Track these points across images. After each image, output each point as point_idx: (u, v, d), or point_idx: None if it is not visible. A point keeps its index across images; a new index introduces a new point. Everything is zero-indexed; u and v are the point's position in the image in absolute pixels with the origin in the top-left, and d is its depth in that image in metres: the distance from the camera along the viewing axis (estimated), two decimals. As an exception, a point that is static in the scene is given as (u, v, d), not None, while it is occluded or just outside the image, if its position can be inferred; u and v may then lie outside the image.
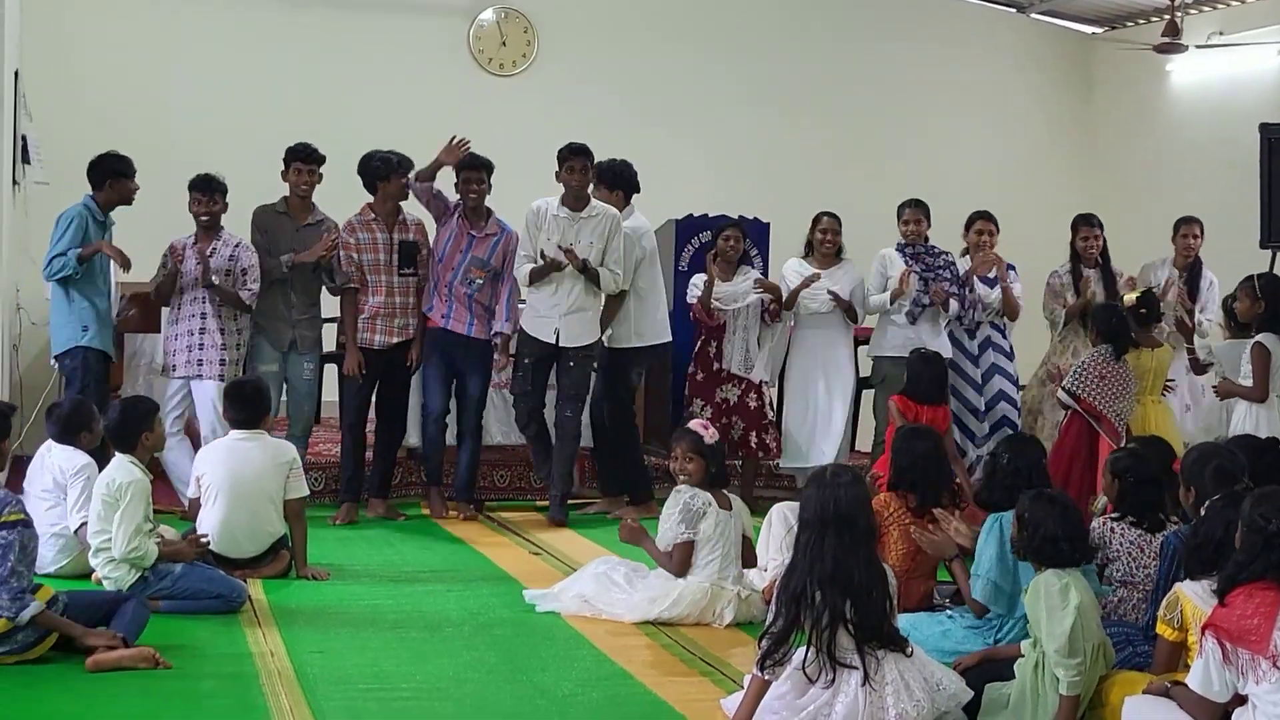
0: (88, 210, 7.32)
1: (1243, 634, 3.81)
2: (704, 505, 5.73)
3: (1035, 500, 4.54)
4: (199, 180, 7.53)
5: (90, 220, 7.31)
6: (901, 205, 8.47)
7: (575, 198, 7.69)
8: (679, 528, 5.72)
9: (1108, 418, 7.03)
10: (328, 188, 7.87)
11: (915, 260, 8.27)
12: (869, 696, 4.16)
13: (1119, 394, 7.10)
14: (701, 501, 5.73)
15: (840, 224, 8.30)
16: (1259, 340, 6.80)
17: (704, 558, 5.71)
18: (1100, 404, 7.04)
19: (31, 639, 4.77)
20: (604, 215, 7.72)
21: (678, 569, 5.72)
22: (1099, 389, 7.06)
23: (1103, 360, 7.12)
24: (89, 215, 7.31)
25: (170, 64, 10.28)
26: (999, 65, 12.36)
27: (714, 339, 8.16)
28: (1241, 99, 10.73)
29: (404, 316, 7.68)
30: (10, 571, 4.71)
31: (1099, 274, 8.44)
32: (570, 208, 7.69)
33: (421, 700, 4.55)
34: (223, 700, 4.51)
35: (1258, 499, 4.01)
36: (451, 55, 11.02)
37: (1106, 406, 7.05)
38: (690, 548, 5.71)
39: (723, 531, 5.71)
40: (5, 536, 4.70)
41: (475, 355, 7.75)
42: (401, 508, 7.91)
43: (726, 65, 11.58)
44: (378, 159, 7.64)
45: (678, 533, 5.72)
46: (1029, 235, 8.85)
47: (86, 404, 6.24)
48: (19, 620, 4.70)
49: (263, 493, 6.20)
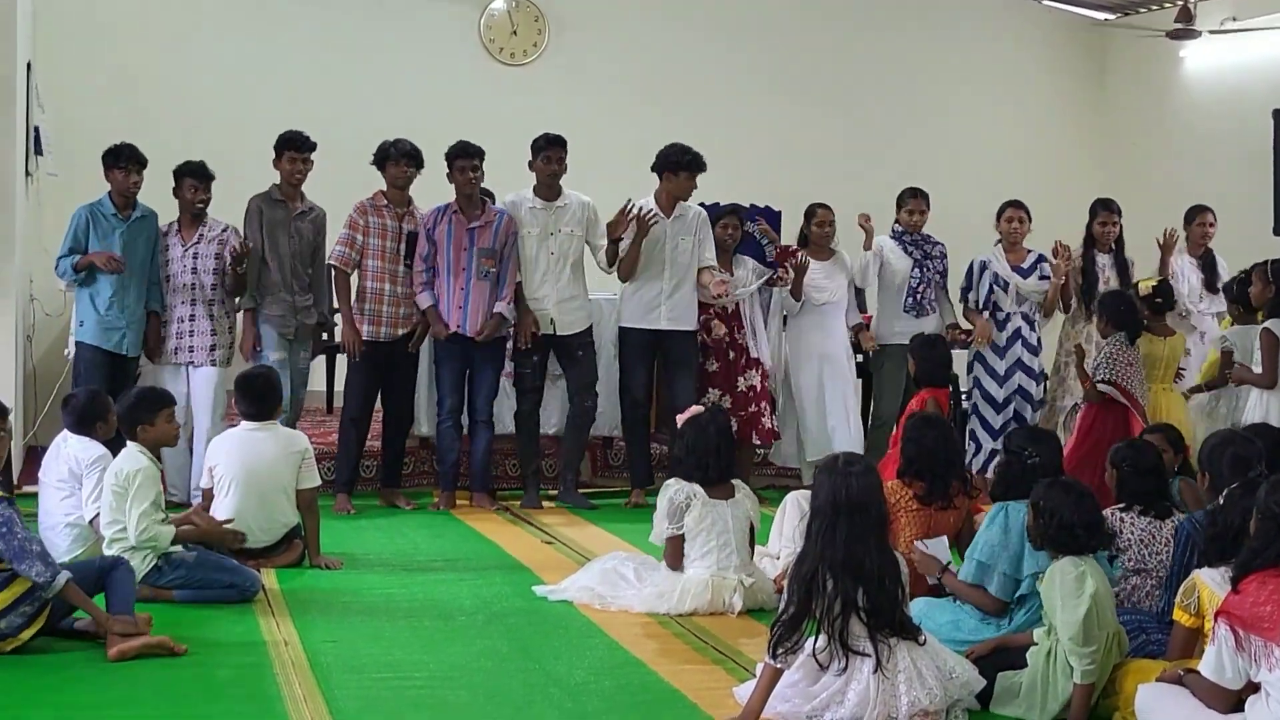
0: (92, 208, 7.33)
1: (1256, 621, 3.81)
2: (687, 498, 5.68)
3: (1051, 488, 4.54)
4: (196, 167, 7.55)
5: (95, 218, 7.31)
6: (903, 193, 8.48)
7: (549, 187, 7.75)
8: (663, 523, 5.72)
9: (1138, 402, 7.06)
10: (340, 177, 7.89)
11: (914, 248, 8.30)
12: (881, 684, 4.16)
13: (1140, 378, 7.14)
14: (684, 495, 5.69)
15: (834, 217, 8.35)
16: (1268, 326, 6.78)
17: (699, 549, 5.68)
18: (1134, 389, 7.07)
19: (18, 623, 4.76)
20: (579, 203, 7.81)
21: (669, 563, 5.74)
22: (1128, 375, 7.06)
23: (1124, 347, 7.13)
24: (92, 214, 7.31)
25: (184, 54, 10.28)
26: (1012, 52, 12.33)
27: (727, 327, 8.10)
28: (1255, 85, 10.68)
29: (409, 306, 7.69)
30: (28, 539, 4.77)
31: (1112, 260, 8.43)
32: (544, 198, 7.77)
33: (434, 689, 4.55)
34: (238, 689, 4.52)
35: (1273, 486, 4.02)
36: (463, 44, 11.02)
37: (1137, 391, 7.07)
38: (679, 541, 5.70)
39: (714, 521, 5.67)
40: (3, 511, 4.73)
41: (488, 349, 7.76)
42: (414, 497, 7.93)
43: (738, 53, 11.56)
44: (385, 145, 7.67)
45: (663, 528, 5.73)
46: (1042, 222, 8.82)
47: (101, 395, 6.23)
48: (54, 586, 4.73)
49: (275, 483, 6.22)
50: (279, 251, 7.65)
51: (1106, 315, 7.29)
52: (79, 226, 7.37)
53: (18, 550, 4.71)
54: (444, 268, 7.62)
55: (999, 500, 5.12)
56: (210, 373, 7.56)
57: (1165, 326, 7.54)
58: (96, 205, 7.42)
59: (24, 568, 4.71)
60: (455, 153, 7.60)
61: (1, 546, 4.71)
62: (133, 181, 7.40)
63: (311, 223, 7.76)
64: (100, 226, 7.37)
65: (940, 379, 7.22)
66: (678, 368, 7.99)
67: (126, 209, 7.42)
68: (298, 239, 7.68)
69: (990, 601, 4.88)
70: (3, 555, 4.72)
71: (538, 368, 7.85)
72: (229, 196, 7.82)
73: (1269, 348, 6.73)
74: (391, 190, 7.69)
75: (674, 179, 7.88)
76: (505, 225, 7.69)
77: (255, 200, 7.74)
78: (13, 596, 4.75)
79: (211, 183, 7.58)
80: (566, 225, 7.78)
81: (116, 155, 7.39)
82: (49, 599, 4.81)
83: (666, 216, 7.90)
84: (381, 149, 7.68)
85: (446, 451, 7.79)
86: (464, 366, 7.72)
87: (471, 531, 7.24)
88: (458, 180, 7.60)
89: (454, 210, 7.64)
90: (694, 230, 7.95)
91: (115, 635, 4.79)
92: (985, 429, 8.19)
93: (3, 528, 4.71)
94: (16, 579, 4.77)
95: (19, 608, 4.76)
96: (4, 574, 4.77)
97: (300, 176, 7.70)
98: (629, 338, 8.02)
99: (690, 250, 7.92)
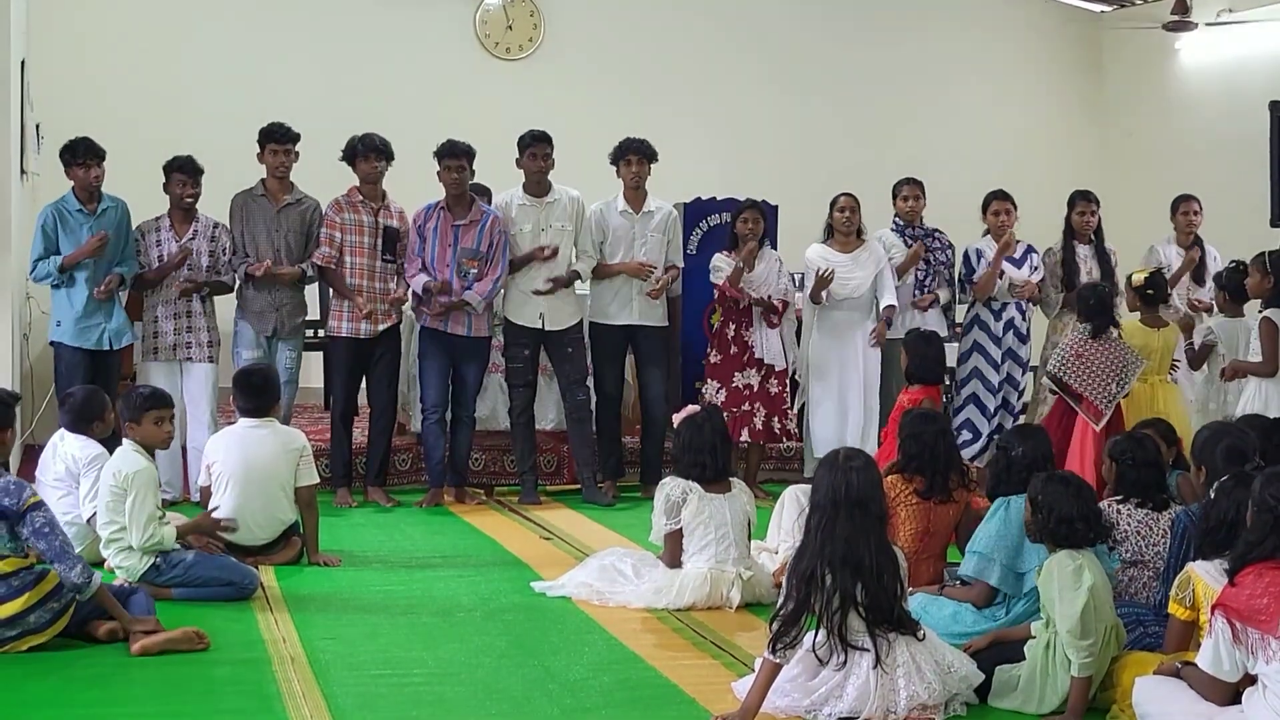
0: (57, 207, 7.25)
1: (1252, 614, 3.82)
2: (683, 493, 5.72)
3: (1048, 482, 4.54)
4: (184, 162, 7.53)
5: (62, 216, 7.22)
6: (899, 183, 8.48)
7: (537, 184, 7.78)
8: (661, 519, 5.76)
9: (1088, 399, 6.91)
10: (333, 172, 7.87)
11: (915, 241, 8.30)
12: (880, 679, 4.17)
13: (1101, 373, 6.90)
14: (680, 490, 5.73)
15: (858, 203, 8.24)
16: (1268, 315, 6.77)
17: (696, 543, 5.70)
18: (1079, 385, 6.91)
19: (46, 619, 4.81)
20: (569, 198, 7.82)
21: (668, 560, 5.76)
22: (1077, 369, 6.92)
23: (1081, 339, 7.00)
24: (58, 213, 7.22)
25: (175, 51, 10.27)
26: (1008, 44, 12.33)
27: (734, 322, 8.09)
28: (1251, 77, 10.69)
29: (385, 302, 7.67)
30: (68, 540, 4.87)
31: (1093, 251, 8.44)
32: (533, 194, 7.79)
33: (433, 685, 4.56)
34: (236, 687, 4.52)
35: (1268, 479, 4.02)
36: (458, 39, 11.01)
37: (1086, 387, 6.91)
38: (678, 536, 5.73)
39: (712, 515, 5.69)
40: (44, 515, 4.80)
41: (475, 347, 7.77)
42: (410, 494, 7.93)
43: (733, 46, 11.55)
44: (353, 140, 7.65)
45: (661, 525, 5.76)
46: (1038, 214, 8.83)
47: (99, 393, 6.24)
48: (90, 587, 4.81)
49: (274, 480, 6.21)
50: (259, 247, 7.63)
51: (1078, 306, 7.26)
52: (48, 227, 7.25)
53: (59, 551, 4.79)
54: (430, 264, 7.62)
55: (991, 496, 5.13)
56: (207, 369, 7.56)
57: (1157, 318, 7.50)
58: (61, 203, 7.31)
59: (64, 568, 4.78)
60: (442, 152, 7.59)
61: (44, 546, 4.78)
62: (94, 176, 7.27)
63: (300, 215, 7.72)
64: (68, 224, 7.26)
65: (933, 375, 7.21)
66: (648, 362, 8.06)
67: (91, 203, 7.30)
68: (282, 234, 7.66)
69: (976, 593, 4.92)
70: (45, 555, 4.79)
71: (528, 361, 7.86)
72: (222, 192, 7.81)
73: (1270, 335, 6.70)
74: (365, 186, 7.67)
75: (619, 169, 7.94)
76: (491, 225, 7.65)
77: (238, 197, 7.73)
78: (42, 593, 4.81)
79: (200, 176, 7.56)
80: (557, 220, 7.81)
81: (73, 152, 7.25)
82: (74, 599, 4.85)
83: (635, 212, 7.93)
84: (350, 145, 7.66)
85: (432, 449, 7.79)
86: (449, 363, 7.72)
87: (470, 528, 7.24)
88: (445, 179, 7.60)
89: (443, 207, 7.64)
90: (663, 229, 7.98)
91: (138, 632, 4.84)
92: (983, 415, 8.20)
93: (45, 528, 4.79)
94: (46, 576, 4.83)
95: (47, 604, 4.82)
96: (35, 571, 4.83)
97: (285, 169, 7.68)
98: (600, 333, 8.04)
99: (659, 246, 7.97)
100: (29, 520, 4.76)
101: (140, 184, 7.69)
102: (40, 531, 4.77)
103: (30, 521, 4.76)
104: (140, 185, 7.69)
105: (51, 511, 4.91)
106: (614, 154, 7.95)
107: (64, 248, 7.25)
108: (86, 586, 4.81)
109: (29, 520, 4.76)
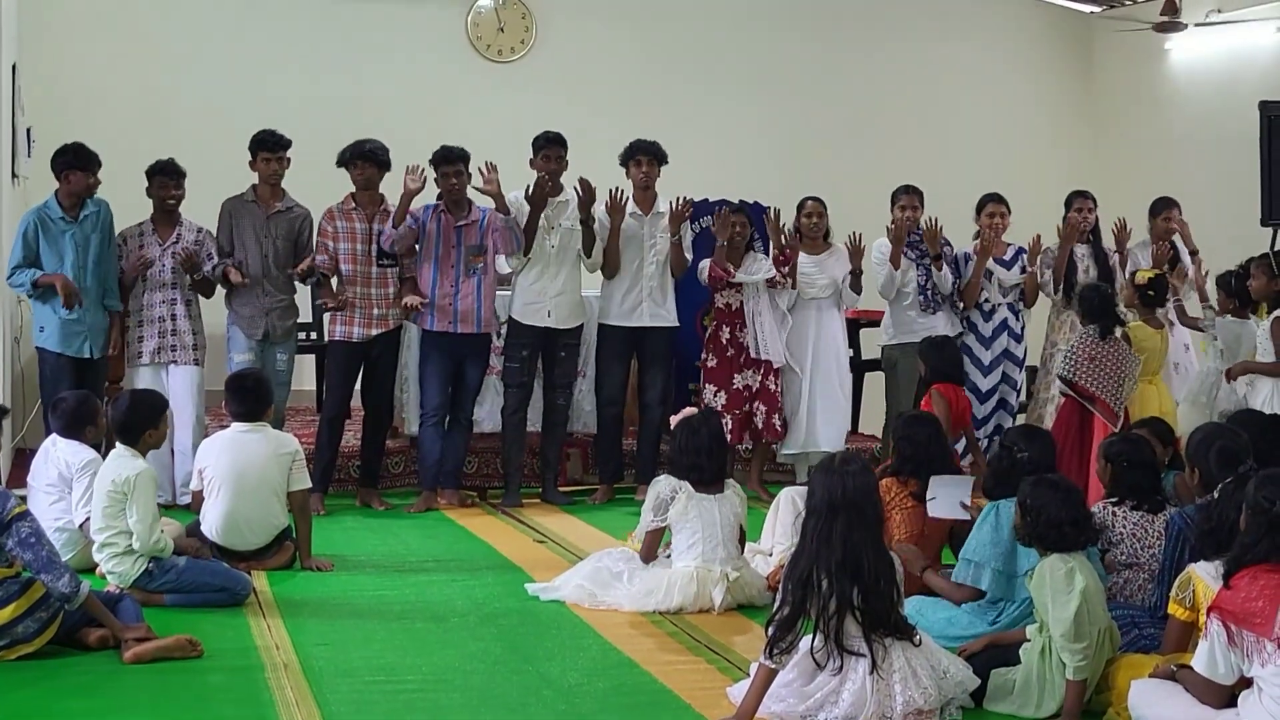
0: (39, 212, 7.16)
1: (1247, 616, 3.82)
2: (673, 491, 5.73)
3: (1037, 486, 4.54)
4: (165, 164, 7.52)
5: (44, 223, 7.14)
6: (897, 191, 8.47)
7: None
8: (648, 515, 5.79)
9: (1102, 399, 6.96)
10: (324, 177, 7.85)
11: (911, 249, 8.29)
12: (876, 684, 4.17)
13: (1112, 374, 6.98)
14: (670, 488, 5.75)
15: (825, 207, 8.30)
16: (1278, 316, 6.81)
17: (685, 541, 5.71)
18: (1093, 386, 6.97)
19: (33, 629, 4.78)
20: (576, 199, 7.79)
21: (643, 556, 5.81)
22: (1090, 371, 6.98)
23: (1091, 341, 7.05)
24: (40, 219, 7.14)
25: (165, 55, 10.23)
26: (999, 45, 12.33)
27: (727, 325, 8.11)
28: (1241, 77, 10.69)
29: (382, 308, 7.64)
30: (55, 549, 4.83)
31: (1090, 250, 8.43)
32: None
33: (427, 692, 4.54)
34: (229, 693, 4.51)
35: (1262, 481, 4.02)
36: (449, 41, 10.98)
37: (1099, 388, 6.96)
38: (658, 535, 5.78)
39: (700, 515, 5.69)
40: (29, 525, 4.77)
41: (477, 347, 7.76)
42: (405, 498, 7.91)
43: (726, 49, 11.54)
44: (345, 148, 7.64)
45: (647, 520, 5.79)
46: (1029, 215, 8.83)
47: (91, 399, 6.22)
48: (79, 597, 4.77)
49: (266, 485, 6.19)
50: (249, 253, 7.61)
51: (1082, 307, 7.28)
52: (28, 233, 7.15)
53: (45, 561, 4.75)
54: (431, 260, 7.61)
55: (992, 495, 5.13)
56: (191, 371, 7.54)
57: (1155, 319, 7.54)
58: (43, 209, 7.21)
59: (51, 578, 4.74)
60: (437, 159, 7.57)
61: (30, 557, 4.74)
62: (90, 184, 7.23)
63: (289, 222, 7.70)
64: (49, 230, 7.17)
65: (954, 377, 7.22)
66: (652, 363, 8.06)
67: (74, 209, 7.20)
68: (270, 239, 7.64)
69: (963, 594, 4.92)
70: (30, 566, 4.76)
71: (525, 362, 7.85)
72: (212, 198, 7.80)
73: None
74: (360, 193, 7.66)
75: (629, 170, 7.96)
76: (489, 220, 7.67)
77: (228, 202, 7.72)
78: (29, 603, 4.78)
79: (183, 179, 7.54)
80: (566, 220, 7.80)
81: (77, 156, 7.17)
82: (62, 608, 4.82)
83: (644, 213, 7.92)
84: (342, 153, 7.66)
85: (428, 453, 7.77)
86: (451, 366, 7.71)
87: (464, 532, 7.22)
88: (442, 185, 7.59)
89: (441, 210, 7.64)
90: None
91: (130, 640, 4.81)
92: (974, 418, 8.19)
93: (31, 538, 4.75)
94: (32, 586, 4.79)
95: (35, 613, 4.79)
96: (20, 581, 4.80)
97: (277, 176, 7.67)
98: (609, 335, 8.03)
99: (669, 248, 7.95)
100: (14, 530, 4.72)
101: (130, 189, 7.65)
102: (26, 542, 4.73)
103: (15, 532, 4.72)
104: (130, 190, 7.65)
105: (37, 521, 4.87)
106: (624, 155, 7.97)
107: (44, 255, 7.17)
108: (75, 595, 4.77)
109: (14, 530, 4.72)
